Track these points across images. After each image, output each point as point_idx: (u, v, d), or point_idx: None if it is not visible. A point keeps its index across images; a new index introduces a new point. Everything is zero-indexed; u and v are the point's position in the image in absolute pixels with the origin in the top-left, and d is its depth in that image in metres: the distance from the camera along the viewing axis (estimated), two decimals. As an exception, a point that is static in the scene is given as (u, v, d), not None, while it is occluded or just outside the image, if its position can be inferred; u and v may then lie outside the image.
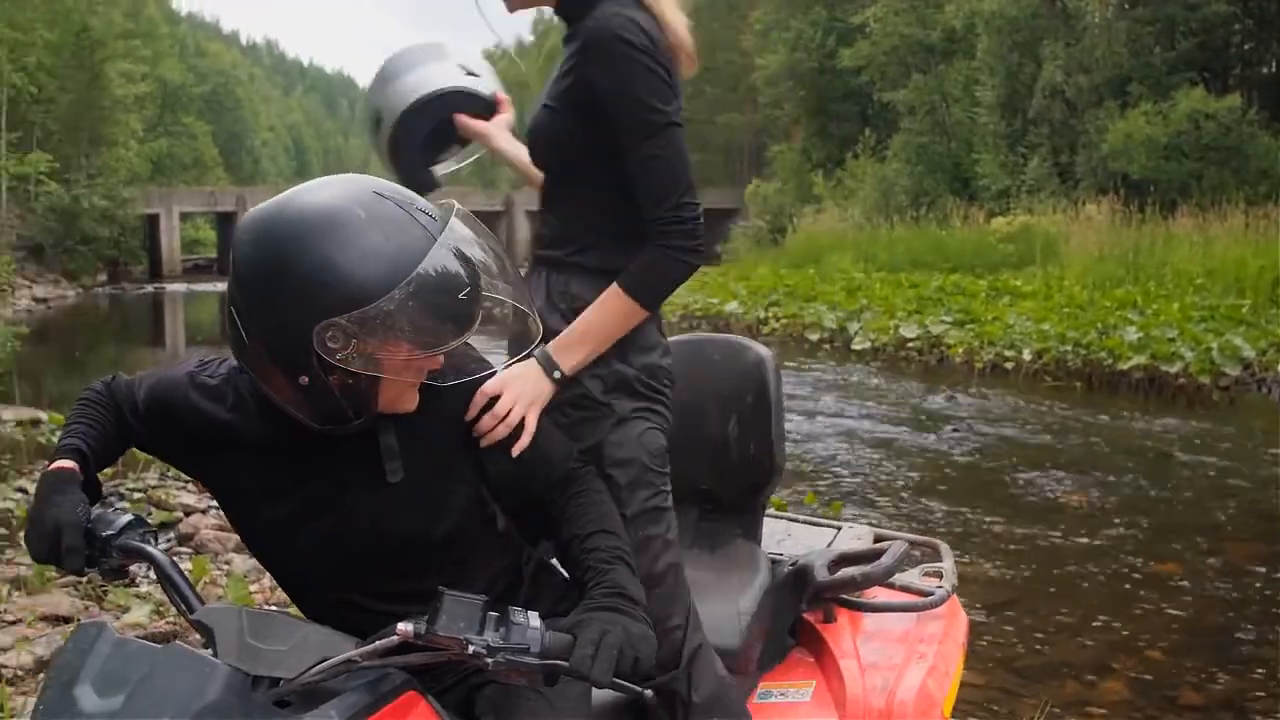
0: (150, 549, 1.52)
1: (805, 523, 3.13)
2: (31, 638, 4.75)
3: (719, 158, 60.05)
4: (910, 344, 16.59)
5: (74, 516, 1.53)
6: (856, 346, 17.36)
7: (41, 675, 4.28)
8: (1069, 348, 14.17)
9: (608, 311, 1.95)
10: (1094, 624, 5.69)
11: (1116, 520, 7.59)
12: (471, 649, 1.36)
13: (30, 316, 27.56)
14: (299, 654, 1.40)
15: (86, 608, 5.34)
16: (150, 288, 41.33)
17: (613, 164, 1.97)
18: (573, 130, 2.02)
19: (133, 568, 1.63)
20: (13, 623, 5.07)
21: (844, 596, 2.61)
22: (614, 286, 1.95)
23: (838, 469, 9.38)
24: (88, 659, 1.34)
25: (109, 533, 1.53)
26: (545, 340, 1.91)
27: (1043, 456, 9.64)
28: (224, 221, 53.28)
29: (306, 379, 1.53)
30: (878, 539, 2.97)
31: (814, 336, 18.61)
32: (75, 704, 1.30)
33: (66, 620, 5.15)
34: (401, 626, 1.37)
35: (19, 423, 10.33)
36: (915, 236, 27.34)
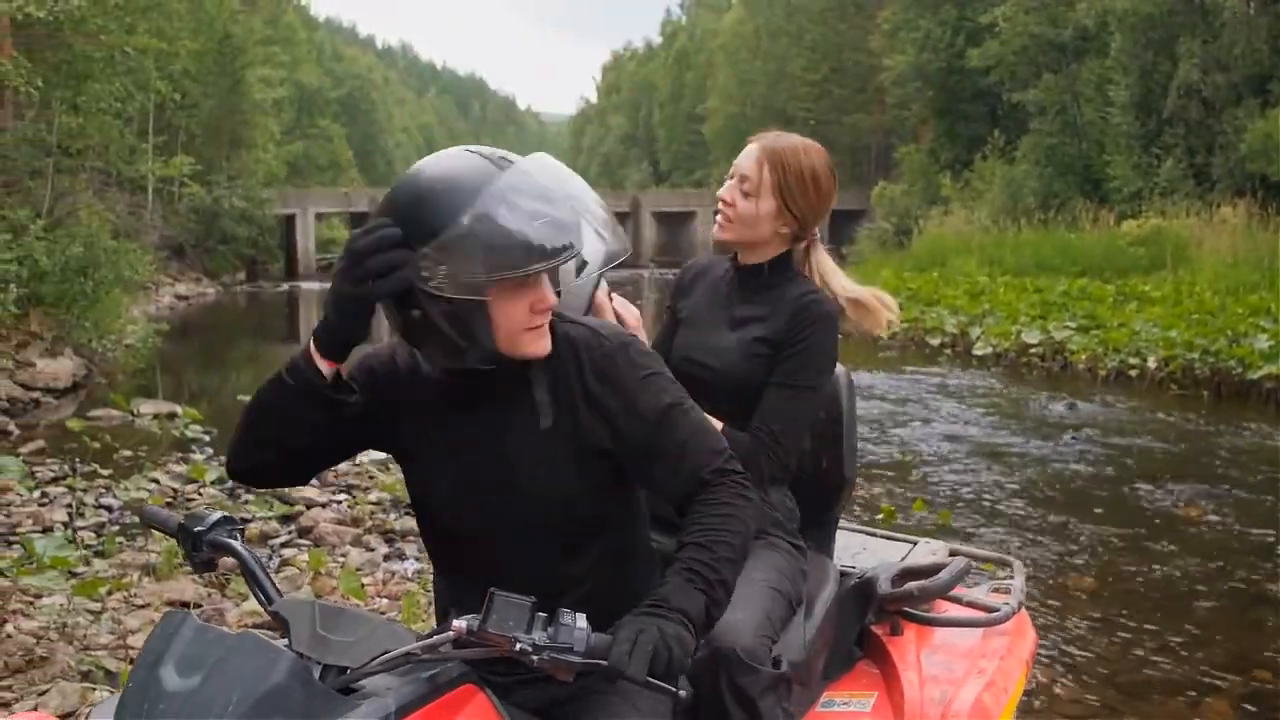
0: (236, 544, 1.68)
1: (883, 537, 3.20)
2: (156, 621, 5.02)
3: (845, 158, 59.36)
4: (1032, 350, 16.33)
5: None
6: (978, 352, 17.14)
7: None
8: (1197, 355, 13.79)
9: None
10: (1203, 641, 5.60)
11: (1235, 536, 7.42)
12: (519, 646, 1.47)
13: (171, 313, 28.67)
14: (365, 645, 1.54)
15: (209, 595, 5.63)
16: (286, 286, 42.60)
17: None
18: (764, 376, 2.50)
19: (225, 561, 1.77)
20: (141, 606, 5.37)
21: (909, 610, 2.67)
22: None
23: (950, 476, 9.32)
24: (172, 643, 1.49)
25: (200, 529, 1.69)
26: None
27: (1163, 467, 9.45)
28: (357, 221, 54.22)
29: (418, 312, 1.71)
30: (952, 554, 3.01)
31: (935, 341, 18.43)
32: (160, 683, 1.45)
33: (197, 605, 5.43)
34: (456, 623, 1.48)
35: (156, 416, 10.79)
36: (1043, 239, 26.76)
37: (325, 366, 1.76)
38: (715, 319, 2.63)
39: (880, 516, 7.84)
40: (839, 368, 2.72)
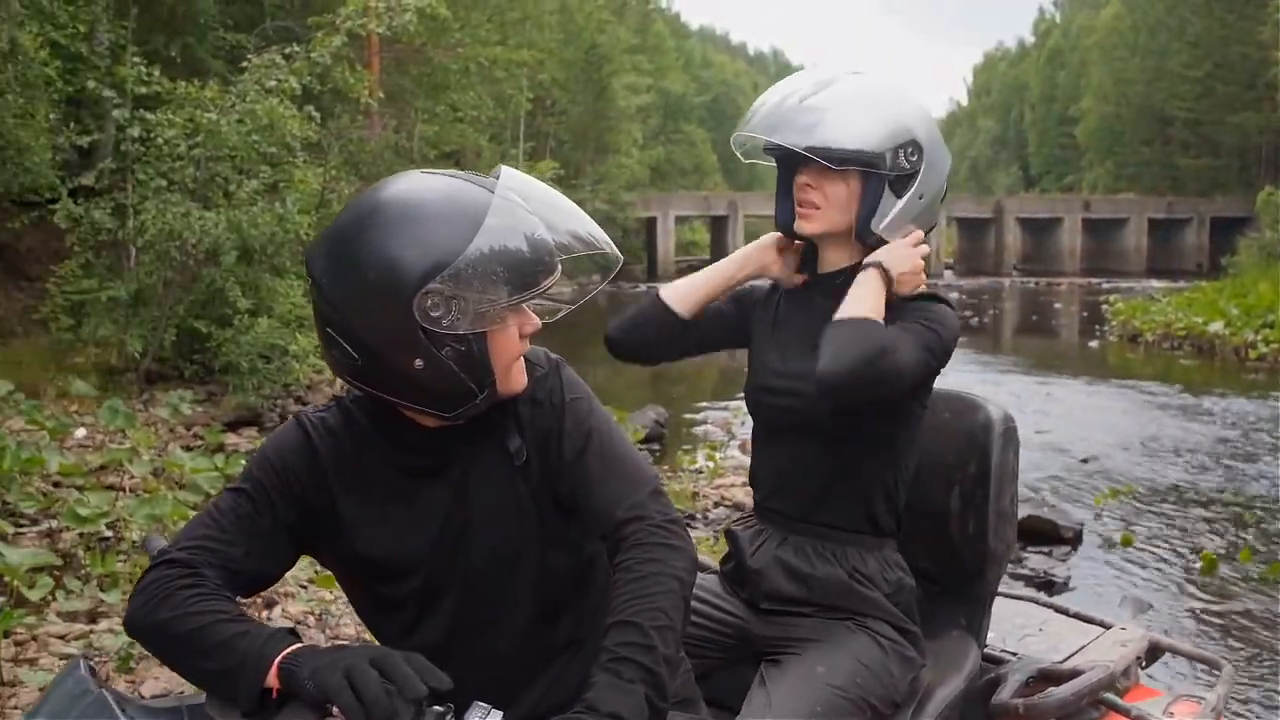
0: None
1: (1074, 615, 2.69)
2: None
3: (1231, 161, 55.21)
4: None
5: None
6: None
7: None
8: None
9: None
10: None
11: None
12: None
13: (528, 312, 30.03)
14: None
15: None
16: (644, 286, 43.85)
17: None
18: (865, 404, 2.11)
19: None
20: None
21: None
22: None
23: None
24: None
25: None
26: None
27: None
28: (716, 225, 55.52)
29: (421, 361, 1.53)
30: (1153, 646, 2.53)
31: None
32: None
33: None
34: None
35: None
36: None
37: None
38: (797, 339, 2.18)
39: (1199, 565, 7.12)
40: (997, 411, 2.31)
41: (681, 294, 2.27)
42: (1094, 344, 22.59)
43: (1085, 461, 10.33)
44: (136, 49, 12.09)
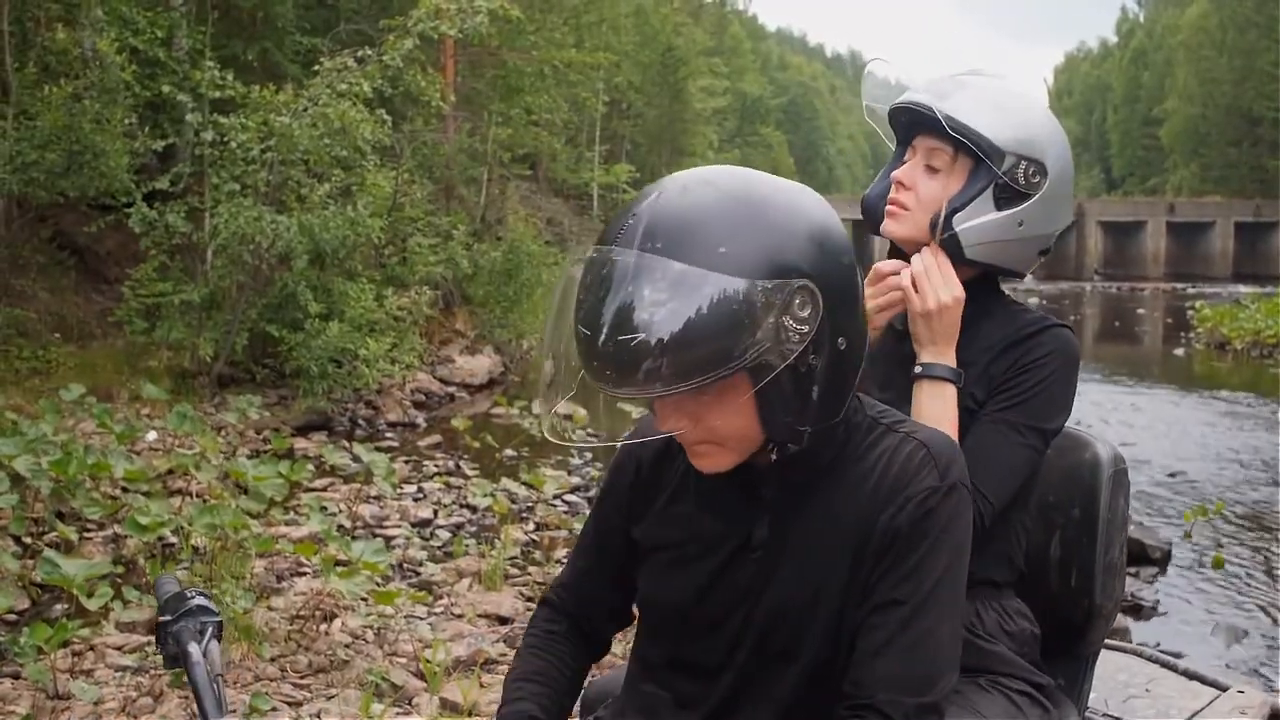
0: (191, 646, 1.44)
1: (1184, 674, 2.43)
2: (463, 634, 5.09)
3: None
4: None
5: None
6: None
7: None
8: None
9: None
10: None
11: None
12: None
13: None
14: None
15: (526, 610, 5.63)
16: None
17: None
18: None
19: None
20: (457, 616, 5.45)
21: None
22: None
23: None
24: None
25: (164, 618, 1.48)
26: None
27: None
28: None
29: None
30: (1276, 713, 2.28)
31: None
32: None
33: (505, 621, 5.46)
34: None
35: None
36: None
37: None
38: (889, 375, 1.98)
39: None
40: (1106, 449, 2.05)
41: None
42: (1179, 351, 22.00)
43: (1172, 476, 9.96)
44: (214, 54, 12.17)
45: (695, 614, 1.53)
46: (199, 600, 1.49)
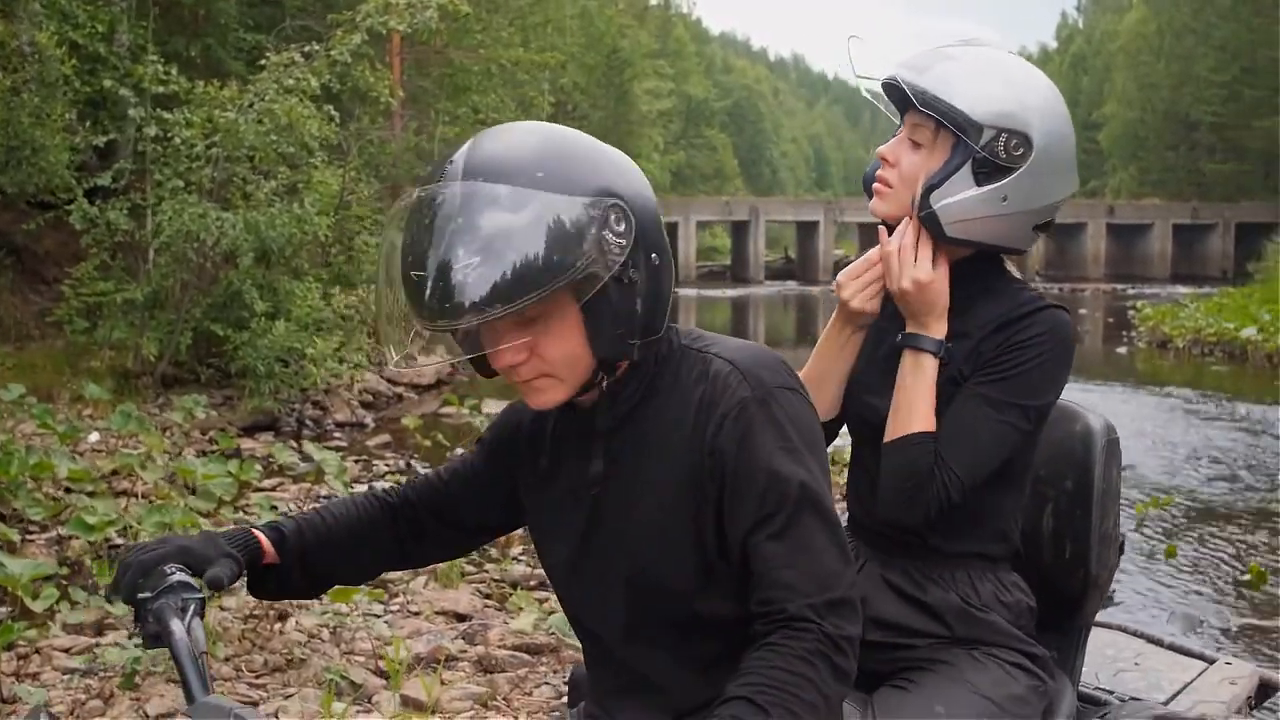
0: (174, 622, 1.38)
1: (1169, 648, 2.44)
2: (421, 632, 5.00)
3: (1256, 166, 54.76)
4: None
5: (146, 562, 1.45)
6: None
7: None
8: None
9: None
10: None
11: None
12: None
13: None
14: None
15: (485, 607, 5.55)
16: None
17: None
18: None
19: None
20: (414, 614, 5.35)
21: None
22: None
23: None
24: None
25: (144, 595, 1.41)
26: None
27: None
28: (738, 230, 55.47)
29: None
30: (1264, 684, 2.29)
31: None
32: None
33: (463, 618, 5.37)
34: None
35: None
36: None
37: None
38: (884, 350, 1.97)
39: (1247, 577, 6.87)
40: (1098, 420, 2.05)
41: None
42: (1123, 350, 22.28)
43: (1124, 470, 10.03)
44: (156, 49, 11.95)
45: (570, 573, 1.59)
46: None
